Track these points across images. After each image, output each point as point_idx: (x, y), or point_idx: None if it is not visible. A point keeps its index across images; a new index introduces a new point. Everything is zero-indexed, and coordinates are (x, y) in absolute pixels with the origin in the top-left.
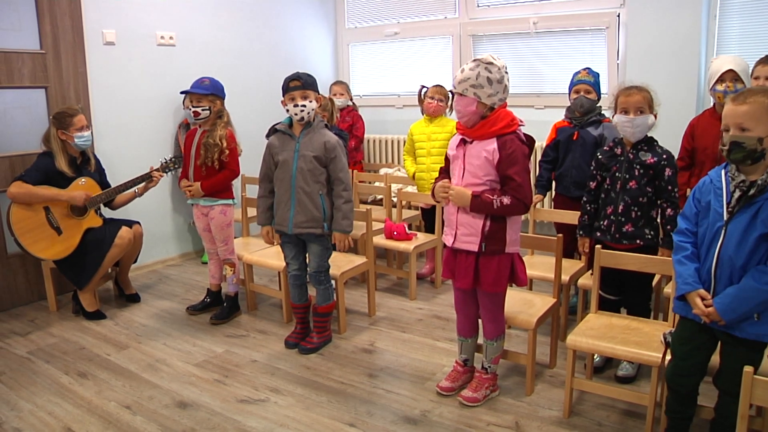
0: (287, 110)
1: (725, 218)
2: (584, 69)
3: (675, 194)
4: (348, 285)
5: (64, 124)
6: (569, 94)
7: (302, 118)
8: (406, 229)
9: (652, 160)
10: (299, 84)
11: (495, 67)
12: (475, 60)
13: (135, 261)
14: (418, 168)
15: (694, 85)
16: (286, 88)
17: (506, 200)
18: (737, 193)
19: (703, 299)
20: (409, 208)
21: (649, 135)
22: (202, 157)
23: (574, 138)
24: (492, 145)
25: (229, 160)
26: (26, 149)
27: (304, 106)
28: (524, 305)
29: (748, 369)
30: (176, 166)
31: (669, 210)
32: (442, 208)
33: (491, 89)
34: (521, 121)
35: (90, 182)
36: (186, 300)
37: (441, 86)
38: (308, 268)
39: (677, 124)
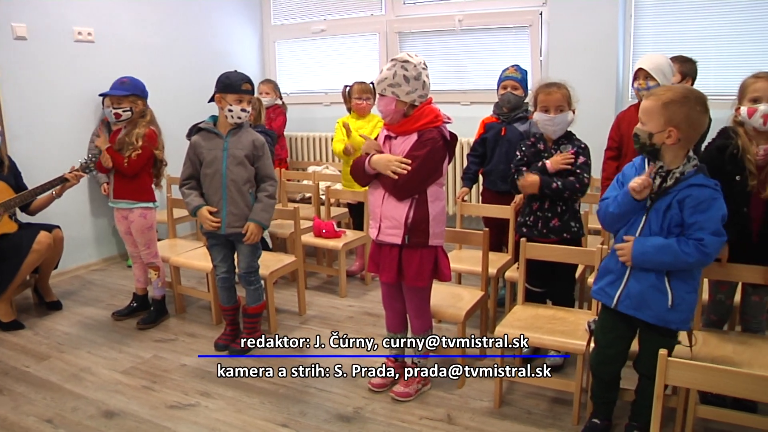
0: (229, 109)
1: (648, 204)
2: (512, 66)
3: (583, 177)
4: (277, 284)
5: None
6: (497, 90)
7: (237, 122)
8: (335, 226)
9: (572, 153)
10: (251, 88)
11: (411, 64)
12: (392, 60)
13: (56, 267)
14: (346, 165)
15: (613, 80)
16: (238, 90)
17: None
18: (657, 180)
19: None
20: (338, 205)
21: (568, 130)
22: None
23: (502, 134)
24: (413, 139)
25: (136, 159)
26: None
27: (248, 111)
28: (453, 299)
29: (662, 351)
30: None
31: (576, 184)
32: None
33: (409, 87)
34: (448, 118)
35: (2, 186)
36: (111, 305)
37: (363, 83)
38: (237, 269)
39: (598, 118)
